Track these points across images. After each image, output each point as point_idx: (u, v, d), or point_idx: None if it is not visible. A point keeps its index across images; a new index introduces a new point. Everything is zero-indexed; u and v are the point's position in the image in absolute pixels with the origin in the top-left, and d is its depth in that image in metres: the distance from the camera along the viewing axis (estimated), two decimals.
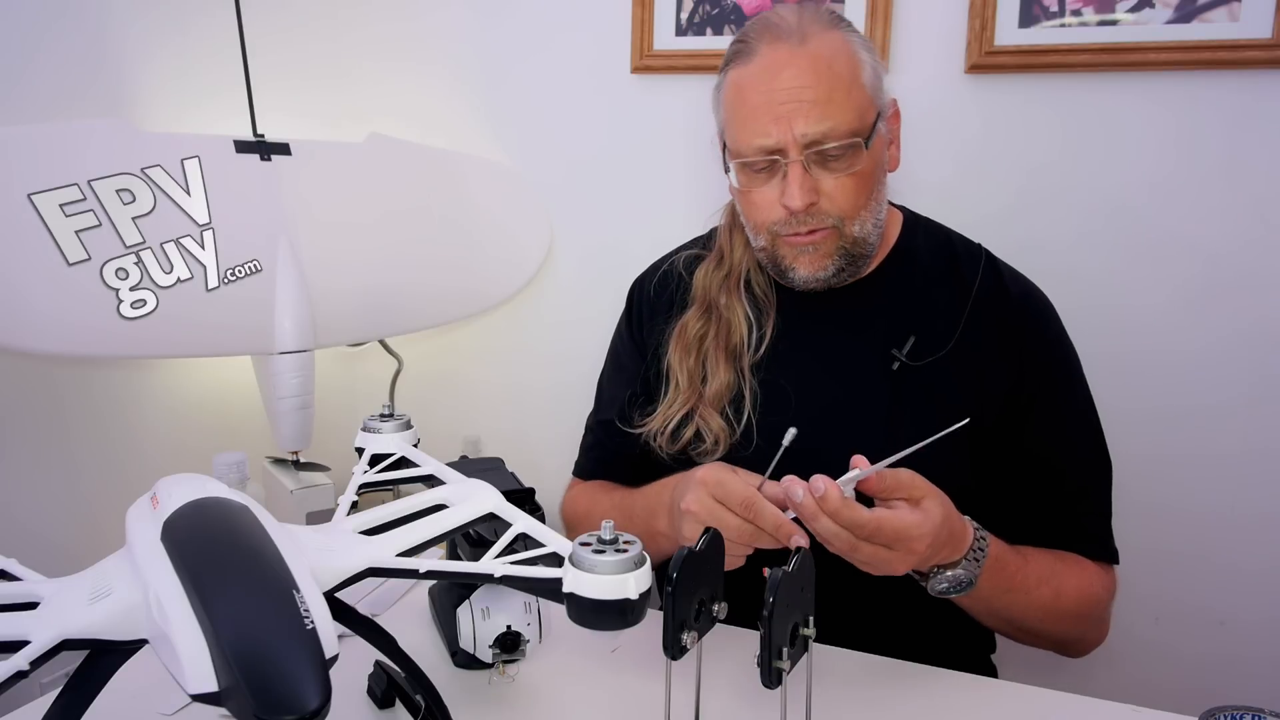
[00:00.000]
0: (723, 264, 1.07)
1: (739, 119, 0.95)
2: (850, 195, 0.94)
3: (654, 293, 1.13)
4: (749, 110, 0.93)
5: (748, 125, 0.93)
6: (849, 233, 0.95)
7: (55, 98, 1.37)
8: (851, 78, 0.92)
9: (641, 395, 1.09)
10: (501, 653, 0.80)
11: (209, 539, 0.55)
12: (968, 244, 1.06)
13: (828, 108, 0.90)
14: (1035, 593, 0.92)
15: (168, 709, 0.79)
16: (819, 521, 0.75)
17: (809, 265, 0.97)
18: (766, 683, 0.59)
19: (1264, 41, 1.20)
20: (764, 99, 0.92)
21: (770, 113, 0.91)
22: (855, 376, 0.99)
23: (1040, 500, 0.98)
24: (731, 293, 1.05)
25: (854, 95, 0.92)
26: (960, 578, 0.85)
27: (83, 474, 1.45)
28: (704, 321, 1.04)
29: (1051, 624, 0.95)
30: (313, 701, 0.45)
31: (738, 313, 1.03)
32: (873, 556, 0.77)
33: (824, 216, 0.94)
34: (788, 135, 0.91)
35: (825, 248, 0.96)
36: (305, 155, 1.46)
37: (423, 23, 1.68)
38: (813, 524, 0.75)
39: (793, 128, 0.90)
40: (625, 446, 1.07)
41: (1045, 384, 0.99)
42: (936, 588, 0.85)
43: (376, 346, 1.70)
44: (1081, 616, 0.97)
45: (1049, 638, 0.98)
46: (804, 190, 0.92)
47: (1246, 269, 1.28)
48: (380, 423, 0.81)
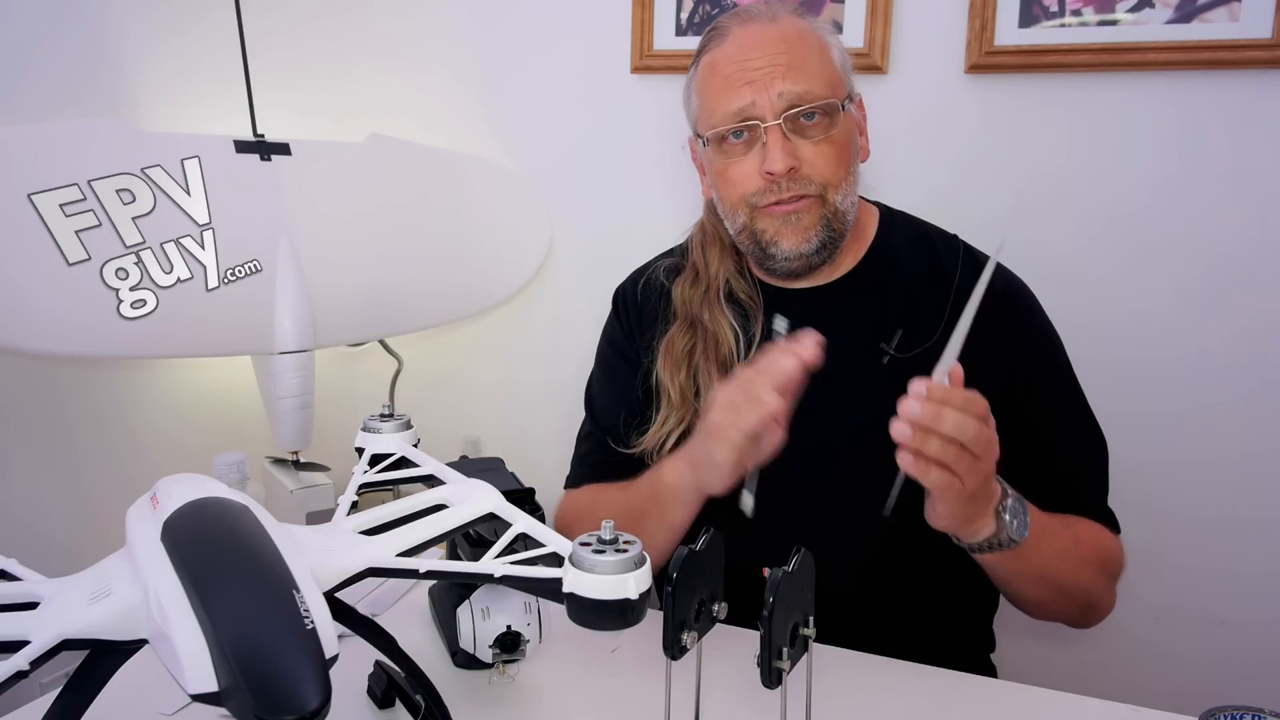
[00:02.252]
0: (699, 280, 1.07)
1: (713, 92, 0.97)
2: (831, 163, 0.95)
3: (639, 300, 1.13)
4: (723, 80, 0.96)
5: (723, 95, 0.96)
6: (831, 202, 0.96)
7: (55, 98, 1.37)
8: (820, 53, 0.96)
9: (636, 414, 1.08)
10: (501, 653, 0.80)
11: (209, 539, 0.55)
12: (944, 235, 1.07)
13: (802, 71, 0.94)
14: (1059, 537, 0.92)
15: (168, 709, 0.79)
16: (944, 414, 0.76)
17: (792, 238, 0.97)
18: (766, 683, 0.59)
19: (1264, 41, 1.20)
20: (738, 68, 0.95)
21: (745, 78, 0.94)
22: (846, 372, 1.00)
23: (1040, 483, 0.98)
24: (713, 306, 1.05)
25: (825, 67, 0.96)
26: (1016, 507, 0.86)
27: (83, 474, 1.45)
28: (689, 336, 1.05)
29: (1079, 572, 0.95)
30: (313, 701, 0.46)
31: (722, 324, 1.04)
32: (988, 441, 0.79)
33: (806, 183, 0.95)
34: (764, 98, 0.93)
35: (808, 218, 0.96)
36: (305, 155, 1.45)
37: (423, 22, 1.68)
38: (938, 424, 0.76)
39: (769, 89, 0.93)
40: (620, 460, 1.07)
41: (1037, 371, 1.00)
42: (1011, 521, 0.86)
43: (376, 346, 1.70)
44: (1101, 565, 0.97)
45: (1077, 591, 0.97)
46: (785, 154, 0.93)
47: (1247, 270, 1.28)
48: (380, 423, 0.81)
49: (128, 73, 1.48)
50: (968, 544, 0.88)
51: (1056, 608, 0.98)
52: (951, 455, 0.77)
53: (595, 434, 1.13)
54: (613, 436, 1.08)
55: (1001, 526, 0.85)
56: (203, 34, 1.54)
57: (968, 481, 0.79)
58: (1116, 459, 1.03)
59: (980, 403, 0.79)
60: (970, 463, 0.78)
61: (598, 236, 1.64)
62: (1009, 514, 0.86)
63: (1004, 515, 0.85)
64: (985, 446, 0.79)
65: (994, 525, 0.85)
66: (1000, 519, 0.85)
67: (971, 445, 0.77)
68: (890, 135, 1.38)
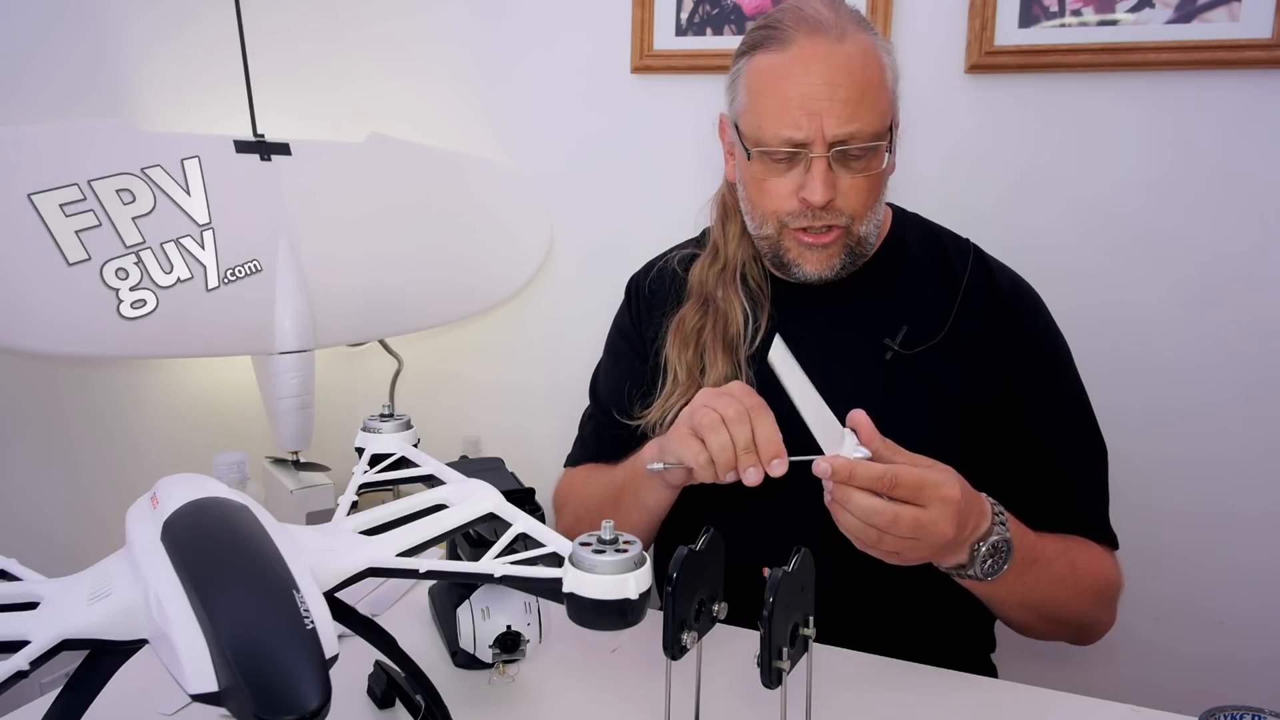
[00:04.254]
0: (718, 258, 1.07)
1: (768, 107, 0.94)
2: (864, 195, 0.94)
3: (650, 289, 1.13)
4: (781, 100, 0.92)
5: (778, 115, 0.92)
6: (856, 232, 0.96)
7: (55, 98, 1.37)
8: (880, 82, 0.93)
9: (640, 389, 1.09)
10: (501, 653, 0.80)
11: (209, 539, 0.55)
12: (956, 239, 1.07)
13: (858, 109, 0.91)
14: (1055, 565, 0.91)
15: (168, 709, 0.79)
16: (850, 498, 0.75)
17: (816, 264, 0.97)
18: (766, 683, 0.59)
19: (1264, 41, 1.20)
20: (799, 91, 0.91)
21: (804, 106, 0.91)
22: (850, 365, 1.00)
23: (1037, 489, 0.98)
24: (728, 285, 1.05)
25: (880, 99, 0.93)
26: (999, 544, 0.83)
27: (83, 473, 1.45)
28: (701, 315, 1.05)
29: (1074, 601, 0.94)
30: (313, 701, 0.45)
31: (734, 305, 1.04)
32: (913, 524, 0.75)
33: (838, 214, 0.94)
34: (818, 131, 0.91)
35: (834, 248, 0.97)
36: (305, 155, 1.45)
37: (423, 23, 1.68)
38: (846, 506, 0.75)
39: (824, 125, 0.90)
40: (621, 437, 1.07)
41: (1037, 374, 1.00)
42: (981, 564, 0.83)
43: (376, 346, 1.70)
44: (1098, 593, 0.97)
45: (1070, 618, 0.96)
46: (826, 186, 0.92)
47: (1244, 269, 1.28)
48: (380, 423, 0.81)
49: (128, 73, 1.48)
50: (940, 567, 0.86)
51: (1045, 630, 0.98)
52: (873, 536, 0.76)
53: (597, 416, 1.15)
54: (613, 417, 1.09)
55: (973, 561, 0.83)
56: (203, 34, 1.54)
57: (907, 557, 0.78)
58: (1115, 457, 1.03)
59: (905, 483, 0.75)
60: (900, 542, 0.77)
61: (598, 237, 1.64)
62: (985, 551, 0.83)
63: (979, 551, 0.82)
64: (916, 529, 0.75)
65: (965, 557, 0.83)
66: (974, 554, 0.82)
67: (890, 530, 0.75)
68: None
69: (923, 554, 0.79)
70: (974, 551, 0.83)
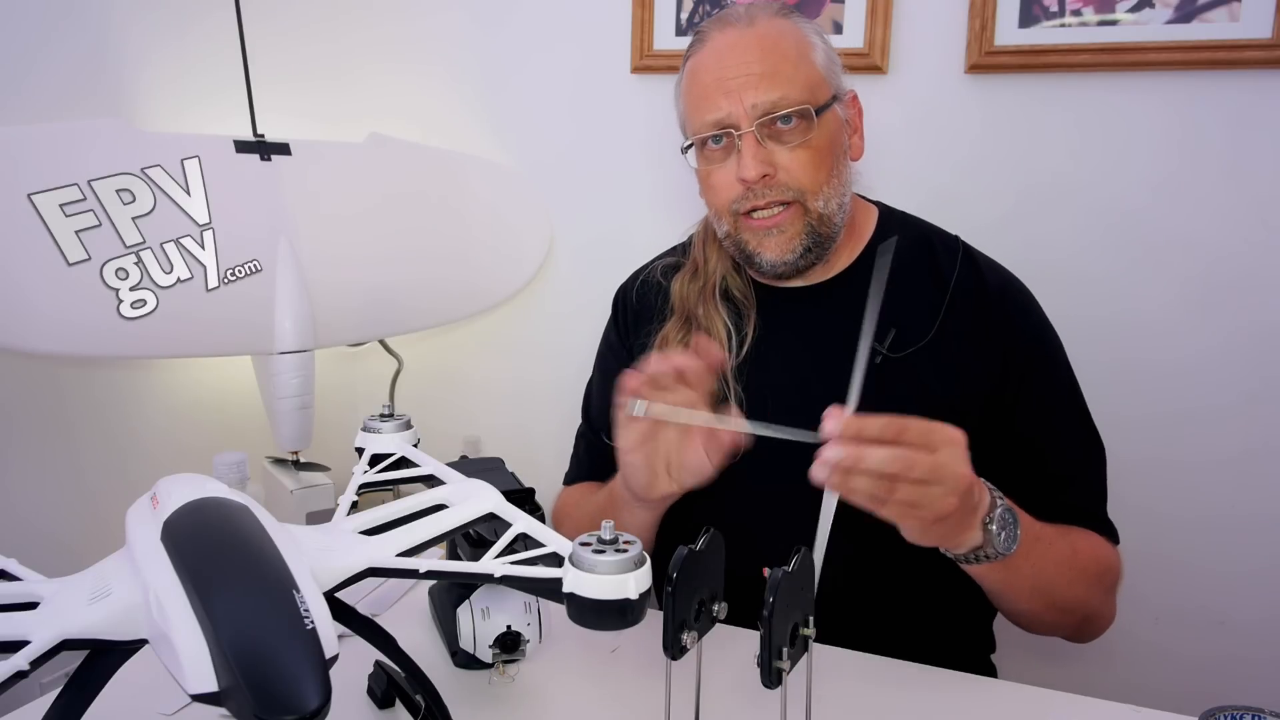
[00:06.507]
0: (698, 275, 1.08)
1: (692, 100, 0.98)
2: (807, 168, 0.95)
3: (636, 300, 1.14)
4: (701, 89, 0.97)
5: (700, 104, 0.97)
6: (813, 209, 0.96)
7: (56, 98, 1.37)
8: (799, 54, 0.96)
9: None
10: (501, 653, 0.80)
11: (209, 539, 0.55)
12: (944, 236, 1.07)
13: (775, 79, 0.93)
14: (1056, 545, 0.90)
15: (168, 709, 0.79)
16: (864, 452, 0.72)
17: (776, 248, 0.98)
18: (766, 683, 0.59)
19: (1264, 41, 1.20)
20: (714, 77, 0.96)
21: (720, 88, 0.95)
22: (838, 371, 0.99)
23: (1033, 486, 0.97)
24: (708, 302, 1.05)
25: (802, 69, 0.95)
26: (1005, 514, 0.83)
27: (84, 473, 1.45)
28: (684, 331, 1.05)
29: (1077, 585, 0.94)
30: (313, 701, 0.45)
31: (716, 322, 1.04)
32: (930, 466, 0.73)
33: (783, 189, 0.95)
34: (738, 107, 0.94)
35: (791, 229, 0.97)
36: (305, 155, 1.45)
37: (423, 24, 1.68)
38: (861, 463, 0.72)
39: (742, 99, 0.93)
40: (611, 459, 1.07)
41: (1029, 372, 1.00)
42: (997, 535, 0.81)
43: (376, 346, 1.70)
44: (1098, 577, 0.96)
45: (1075, 605, 0.96)
46: (757, 161, 0.94)
47: (1247, 270, 1.28)
48: (380, 423, 0.81)
49: (128, 74, 1.48)
50: (953, 555, 0.85)
51: (1052, 621, 0.97)
52: (885, 488, 0.73)
53: (588, 434, 1.15)
54: (606, 436, 1.09)
55: (989, 539, 0.82)
56: (203, 35, 1.54)
57: (927, 510, 0.75)
58: (1117, 459, 1.03)
59: (913, 428, 0.74)
60: (919, 491, 0.74)
61: (598, 236, 1.64)
62: (996, 525, 0.82)
63: (991, 527, 0.81)
64: (933, 471, 0.73)
65: (980, 537, 0.82)
66: (987, 530, 0.82)
67: (909, 475, 0.73)
68: (890, 135, 1.38)
69: (948, 502, 0.75)
70: (986, 525, 0.82)
